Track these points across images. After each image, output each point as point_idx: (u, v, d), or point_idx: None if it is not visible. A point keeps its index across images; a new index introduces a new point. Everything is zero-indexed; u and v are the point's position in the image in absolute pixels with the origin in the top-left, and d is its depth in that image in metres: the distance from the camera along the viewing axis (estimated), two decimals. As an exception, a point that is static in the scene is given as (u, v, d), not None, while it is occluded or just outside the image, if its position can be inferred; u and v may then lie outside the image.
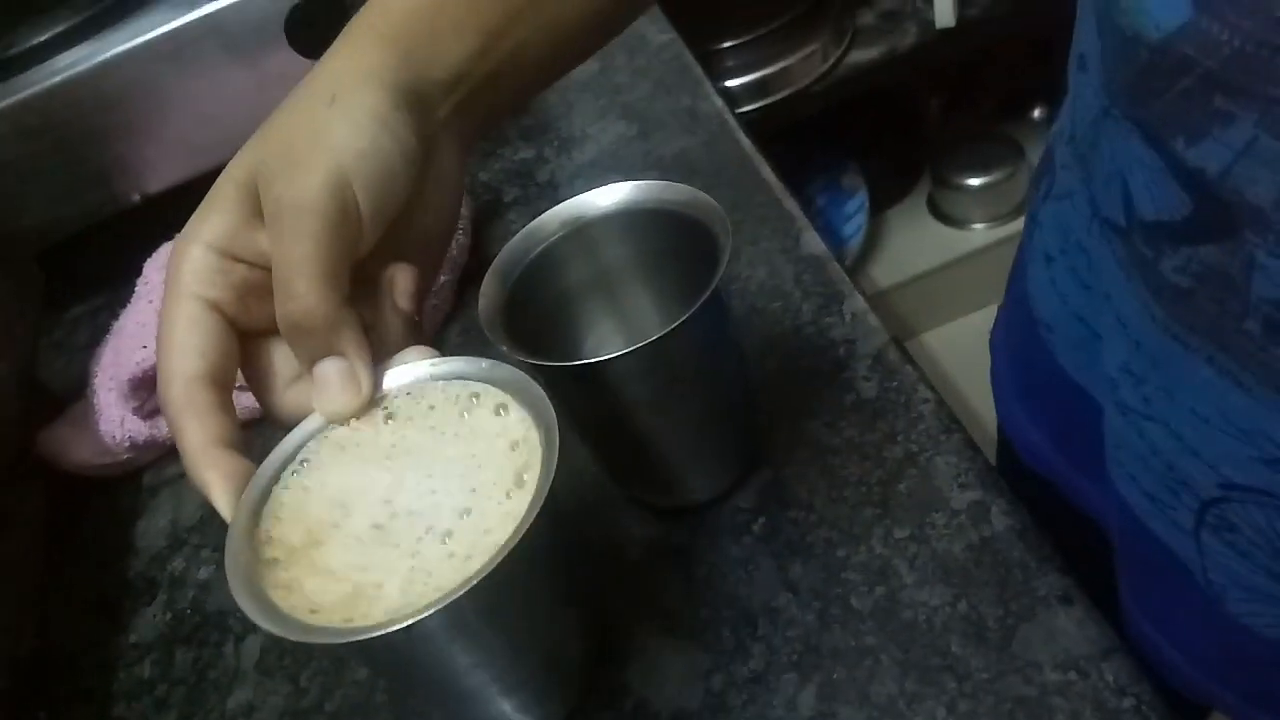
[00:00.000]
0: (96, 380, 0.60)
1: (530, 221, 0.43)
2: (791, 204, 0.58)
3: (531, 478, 0.32)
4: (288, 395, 0.35)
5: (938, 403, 0.46)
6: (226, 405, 0.33)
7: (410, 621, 0.28)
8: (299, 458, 0.34)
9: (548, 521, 0.31)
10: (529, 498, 0.31)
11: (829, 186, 1.56)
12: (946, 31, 1.28)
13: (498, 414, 0.34)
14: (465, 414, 0.34)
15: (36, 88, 0.62)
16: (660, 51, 0.75)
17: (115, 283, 0.69)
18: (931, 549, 0.41)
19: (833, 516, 0.43)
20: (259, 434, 0.59)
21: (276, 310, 0.32)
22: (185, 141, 0.67)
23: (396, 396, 0.35)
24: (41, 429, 0.59)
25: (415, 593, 0.30)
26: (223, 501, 0.32)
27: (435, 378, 0.35)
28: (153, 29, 0.63)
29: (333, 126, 0.33)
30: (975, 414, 1.16)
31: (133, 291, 0.63)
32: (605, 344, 0.46)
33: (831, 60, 1.32)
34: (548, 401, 0.33)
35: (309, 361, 0.33)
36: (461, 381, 0.35)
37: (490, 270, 0.41)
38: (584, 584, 0.41)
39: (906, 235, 1.65)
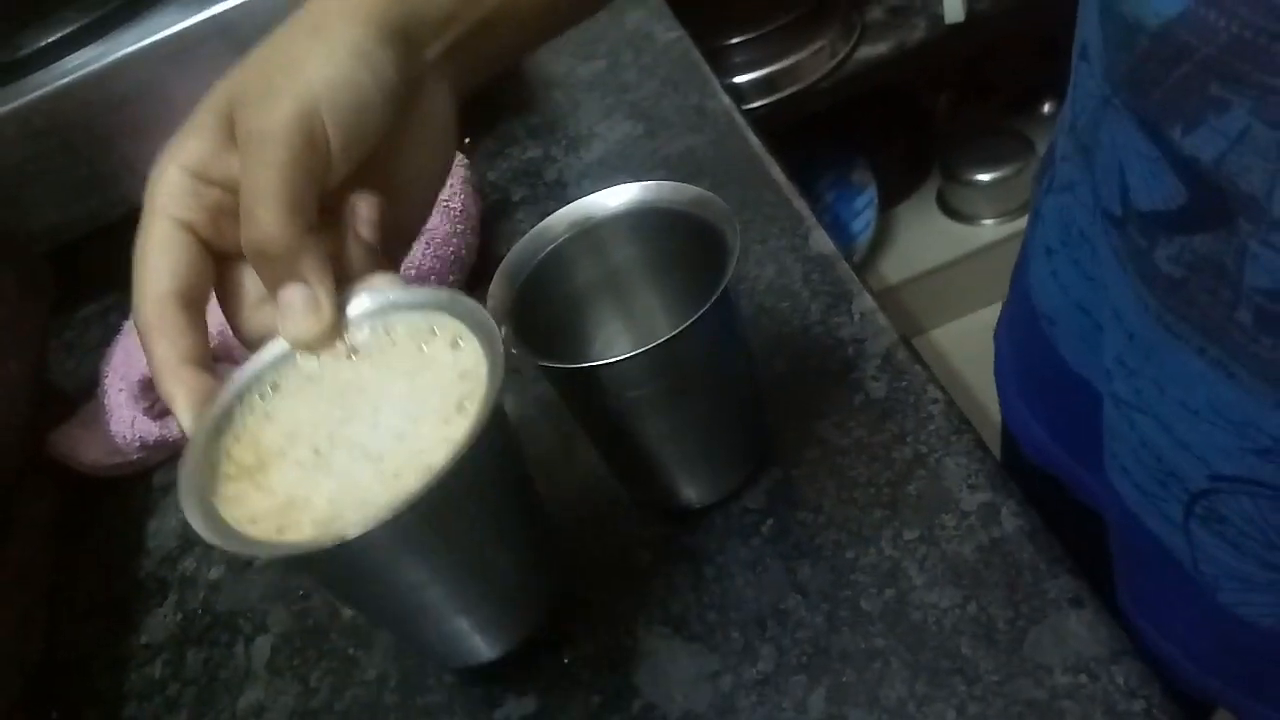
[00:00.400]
0: (107, 381, 0.60)
1: (539, 222, 0.43)
2: (800, 203, 0.58)
3: (473, 405, 0.33)
4: (254, 316, 0.36)
5: (947, 403, 0.45)
6: (196, 324, 0.33)
7: (355, 534, 0.29)
8: (269, 381, 0.35)
9: (491, 447, 0.31)
10: (468, 424, 0.32)
11: (838, 182, 1.56)
12: (956, 26, 1.27)
13: (454, 347, 0.34)
14: (424, 347, 0.35)
15: (45, 89, 0.62)
16: (668, 49, 0.75)
17: (125, 283, 0.69)
18: (941, 551, 0.41)
19: (842, 518, 0.43)
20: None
21: (241, 235, 0.33)
22: (194, 142, 0.67)
23: (361, 329, 0.35)
24: (52, 429, 0.60)
25: (342, 503, 0.32)
26: (186, 417, 0.33)
27: (397, 305, 0.35)
28: (161, 30, 0.63)
29: (310, 57, 0.33)
30: (984, 410, 1.16)
31: (142, 292, 0.63)
32: (614, 345, 0.46)
33: (840, 56, 1.31)
34: (498, 334, 0.33)
35: (273, 286, 0.34)
36: (422, 313, 0.35)
37: (499, 271, 0.41)
38: (545, 521, 0.41)
39: (916, 231, 1.65)
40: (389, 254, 0.37)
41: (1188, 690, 0.48)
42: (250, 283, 0.36)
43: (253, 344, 0.36)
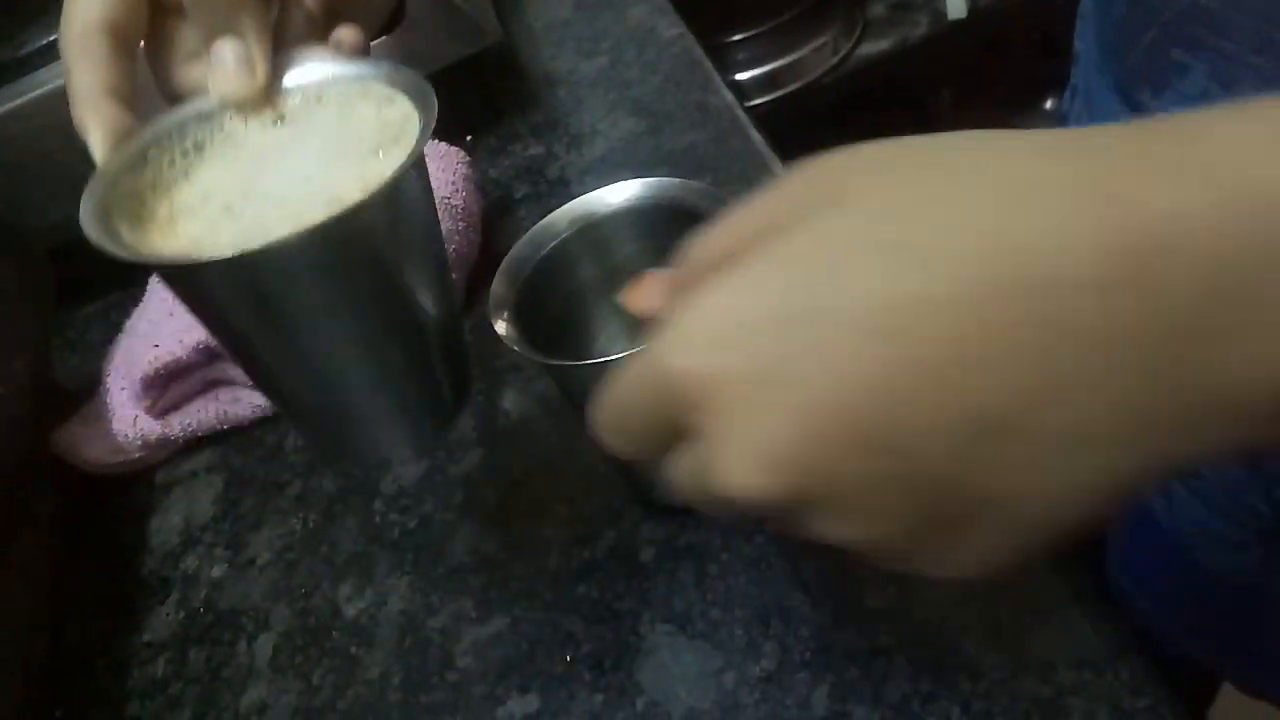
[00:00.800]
0: (109, 379, 0.60)
1: (541, 219, 0.42)
2: (803, 199, 0.58)
3: (394, 151, 0.32)
4: (183, 71, 0.35)
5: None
6: (123, 56, 0.33)
7: (255, 248, 0.28)
8: (192, 138, 0.34)
9: (405, 194, 0.31)
10: (386, 166, 0.31)
11: (840, 179, 1.56)
12: (958, 23, 1.27)
13: (382, 106, 0.34)
14: (350, 111, 0.34)
15: (47, 87, 0.62)
16: (669, 46, 0.75)
17: (127, 281, 0.69)
18: (945, 547, 0.41)
19: (845, 515, 0.43)
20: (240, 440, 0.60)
21: None
22: (195, 140, 0.67)
23: (293, 98, 0.35)
24: (55, 428, 0.60)
25: (248, 244, 0.30)
26: (99, 149, 0.32)
27: (332, 76, 0.35)
28: (162, 27, 0.63)
29: None
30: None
31: (144, 290, 0.63)
32: (615, 343, 0.45)
33: (842, 52, 1.31)
34: (432, 94, 0.33)
35: (210, 37, 0.33)
36: (357, 82, 0.34)
37: (500, 268, 0.41)
38: (455, 310, 0.39)
39: (919, 227, 1.64)
40: (327, 35, 0.36)
41: (1173, 654, 0.48)
42: (184, 37, 0.35)
43: (176, 98, 0.35)
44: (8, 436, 0.52)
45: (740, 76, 1.30)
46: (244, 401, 0.60)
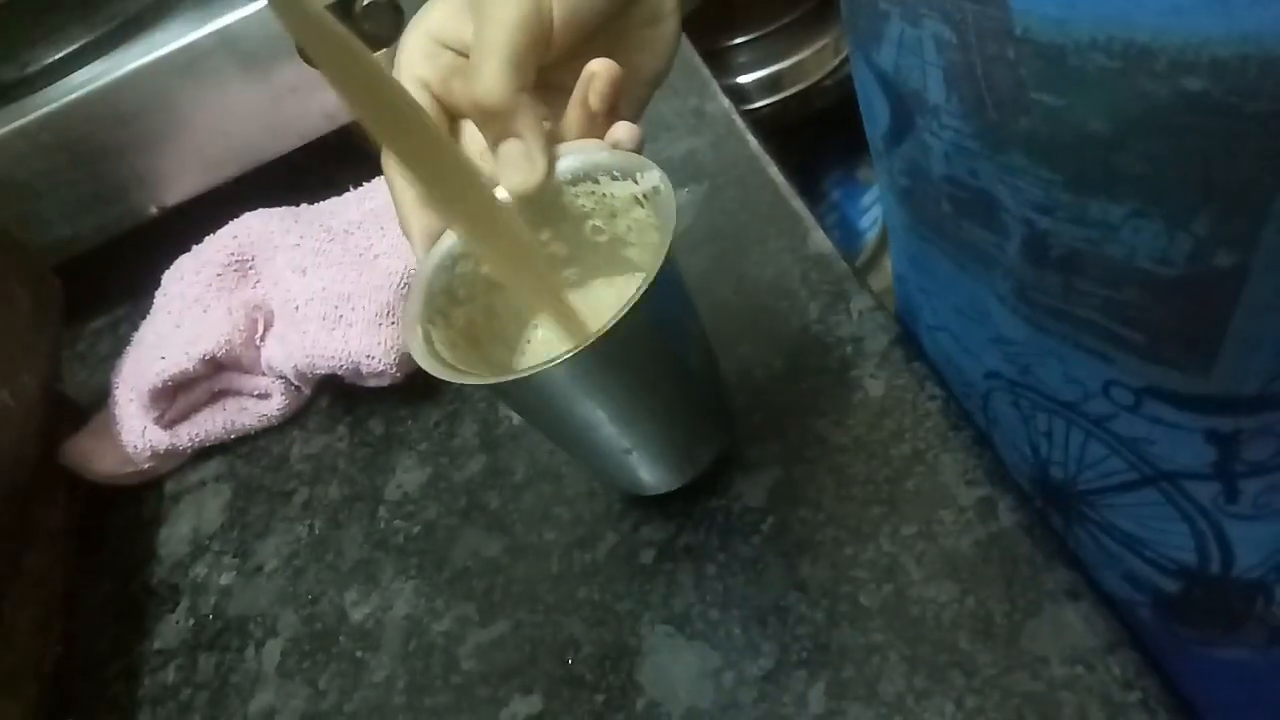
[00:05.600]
0: (118, 391, 0.61)
1: None
2: (798, 203, 0.58)
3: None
4: (477, 163, 0.39)
5: (945, 400, 0.46)
6: None
7: (529, 372, 0.33)
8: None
9: (664, 287, 0.35)
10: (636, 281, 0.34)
11: (845, 179, 1.56)
12: (959, 22, 1.27)
13: (641, 203, 0.39)
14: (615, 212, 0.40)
15: (53, 105, 0.63)
16: (668, 52, 0.75)
17: (134, 294, 0.70)
18: (939, 546, 0.41)
19: (841, 515, 0.43)
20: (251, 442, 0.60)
21: (465, 90, 0.37)
22: (200, 154, 0.68)
23: (575, 188, 0.40)
24: (65, 440, 0.61)
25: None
26: (419, 249, 0.39)
27: (601, 168, 0.39)
28: (166, 45, 0.64)
29: None
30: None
31: (151, 303, 0.64)
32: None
33: (844, 53, 1.31)
34: (668, 182, 0.37)
35: (493, 140, 0.37)
36: (625, 171, 0.38)
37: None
38: (715, 367, 0.44)
39: (923, 227, 1.64)
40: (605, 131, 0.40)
41: None
42: (472, 137, 0.39)
43: None
44: (19, 449, 0.53)
45: (742, 79, 1.30)
46: (250, 411, 0.60)
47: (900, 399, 0.46)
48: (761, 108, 1.30)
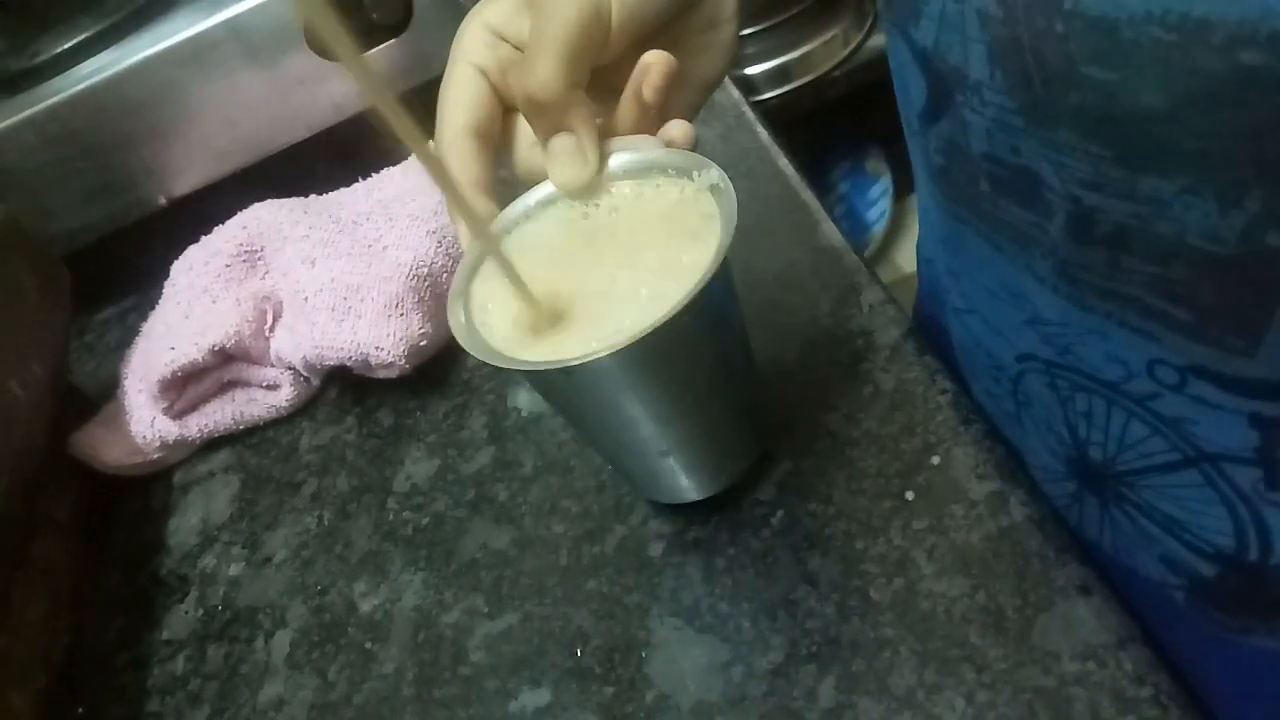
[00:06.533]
0: (126, 382, 0.61)
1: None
2: (808, 195, 0.58)
3: (695, 245, 0.36)
4: (528, 156, 0.40)
5: (956, 394, 0.45)
6: (485, 152, 0.38)
7: (575, 363, 0.33)
8: (535, 218, 0.40)
9: (714, 294, 0.34)
10: (694, 276, 0.34)
11: (853, 171, 1.56)
12: (968, 13, 1.27)
13: (701, 193, 0.38)
14: (660, 200, 0.39)
15: (61, 95, 0.63)
16: (677, 43, 0.75)
17: (143, 285, 0.70)
18: (950, 540, 0.41)
19: (851, 509, 0.43)
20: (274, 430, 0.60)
21: (518, 81, 0.36)
22: (208, 144, 0.68)
23: (623, 186, 0.39)
24: (74, 430, 0.61)
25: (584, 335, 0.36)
26: (465, 235, 0.38)
27: (656, 165, 0.38)
28: (174, 35, 0.64)
29: None
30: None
31: (160, 294, 0.64)
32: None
33: (853, 45, 1.31)
34: (727, 180, 0.36)
35: (544, 135, 0.38)
36: (679, 169, 0.38)
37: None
38: (755, 373, 0.44)
39: (932, 220, 1.64)
40: (658, 128, 0.39)
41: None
42: (524, 129, 0.39)
43: (523, 180, 0.40)
44: (28, 439, 0.53)
45: (750, 71, 1.30)
46: (259, 402, 0.60)
47: (911, 393, 0.46)
48: (770, 99, 1.30)
